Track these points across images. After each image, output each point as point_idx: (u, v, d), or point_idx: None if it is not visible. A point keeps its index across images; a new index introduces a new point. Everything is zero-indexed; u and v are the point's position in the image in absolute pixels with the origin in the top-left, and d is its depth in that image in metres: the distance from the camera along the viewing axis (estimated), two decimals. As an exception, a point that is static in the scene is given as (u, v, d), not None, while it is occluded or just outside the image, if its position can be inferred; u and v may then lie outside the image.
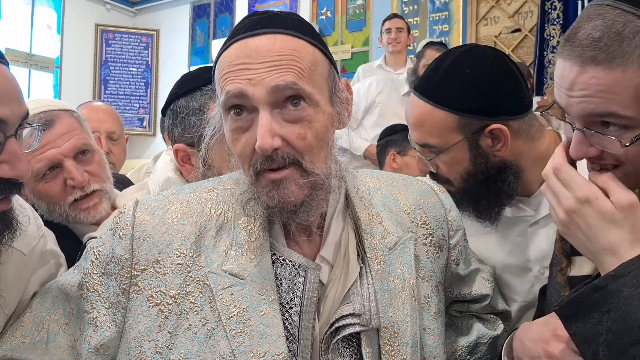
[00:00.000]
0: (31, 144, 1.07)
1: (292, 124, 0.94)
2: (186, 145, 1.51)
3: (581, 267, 1.12)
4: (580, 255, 1.07)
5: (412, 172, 2.66)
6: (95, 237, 1.35)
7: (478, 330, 1.34)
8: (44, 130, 1.46)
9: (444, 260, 1.19)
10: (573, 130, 0.99)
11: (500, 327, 1.38)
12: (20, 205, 1.14)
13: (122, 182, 1.98)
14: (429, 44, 4.40)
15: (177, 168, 1.63)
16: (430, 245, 1.15)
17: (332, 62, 1.02)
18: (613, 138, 0.93)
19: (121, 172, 2.65)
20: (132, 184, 2.02)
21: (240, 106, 0.95)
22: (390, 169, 2.82)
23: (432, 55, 3.95)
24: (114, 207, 1.64)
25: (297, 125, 0.94)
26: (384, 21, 4.66)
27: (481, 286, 1.33)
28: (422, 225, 1.15)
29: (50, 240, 1.26)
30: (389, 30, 4.56)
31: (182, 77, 1.64)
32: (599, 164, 1.01)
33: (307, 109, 0.94)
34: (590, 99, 0.92)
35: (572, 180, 1.00)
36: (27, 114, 0.99)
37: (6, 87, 0.93)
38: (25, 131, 1.03)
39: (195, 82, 1.54)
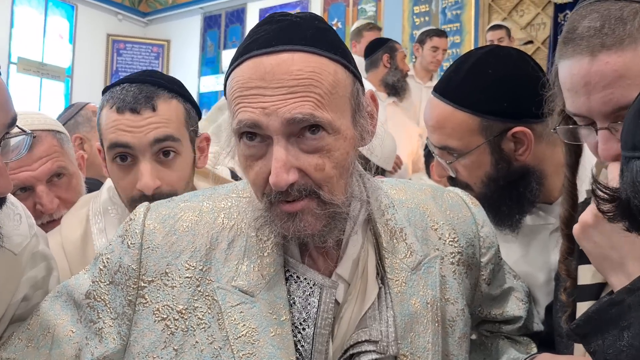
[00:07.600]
0: (19, 152, 1.01)
1: (309, 154, 0.87)
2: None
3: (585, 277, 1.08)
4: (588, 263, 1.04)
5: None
6: None
7: (508, 354, 1.23)
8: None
9: (473, 280, 1.11)
10: (596, 132, 0.94)
11: (533, 350, 1.26)
12: (11, 203, 1.11)
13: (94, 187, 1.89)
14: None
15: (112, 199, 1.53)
16: (458, 265, 1.06)
17: (356, 76, 0.94)
18: None
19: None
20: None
21: (253, 133, 0.88)
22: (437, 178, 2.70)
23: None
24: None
25: (315, 156, 0.87)
26: (431, 36, 4.41)
27: (514, 307, 1.23)
28: (450, 243, 1.07)
29: (42, 241, 1.22)
30: (435, 49, 4.37)
31: None
32: None
33: (326, 137, 0.87)
34: (612, 92, 0.89)
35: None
36: (15, 119, 0.94)
37: None
38: (13, 140, 0.98)
39: None
